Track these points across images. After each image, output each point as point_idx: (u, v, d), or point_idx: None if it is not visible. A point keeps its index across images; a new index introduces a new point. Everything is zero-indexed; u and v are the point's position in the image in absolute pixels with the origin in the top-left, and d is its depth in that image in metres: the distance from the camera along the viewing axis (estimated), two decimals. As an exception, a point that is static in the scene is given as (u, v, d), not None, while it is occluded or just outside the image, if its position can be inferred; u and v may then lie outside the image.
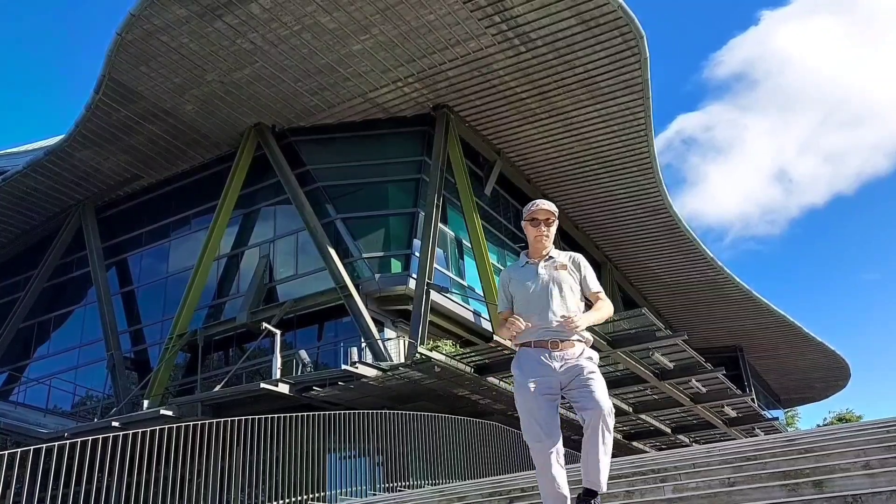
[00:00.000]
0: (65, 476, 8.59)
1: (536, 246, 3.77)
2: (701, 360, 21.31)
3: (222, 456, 10.32)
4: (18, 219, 25.82)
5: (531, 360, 3.57)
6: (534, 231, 3.76)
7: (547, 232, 3.74)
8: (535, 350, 3.58)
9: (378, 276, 20.13)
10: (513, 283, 3.78)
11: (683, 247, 29.14)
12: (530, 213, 3.77)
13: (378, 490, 12.62)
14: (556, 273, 3.67)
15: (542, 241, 3.74)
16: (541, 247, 3.76)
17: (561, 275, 3.67)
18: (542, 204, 3.74)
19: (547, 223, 3.75)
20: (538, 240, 3.74)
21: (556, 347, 3.55)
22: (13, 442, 18.22)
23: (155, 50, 18.51)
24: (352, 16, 17.62)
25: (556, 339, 3.56)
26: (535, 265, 3.73)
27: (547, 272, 3.69)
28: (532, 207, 3.78)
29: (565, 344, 3.57)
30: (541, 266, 3.71)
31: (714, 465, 5.54)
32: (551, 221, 3.76)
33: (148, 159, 23.28)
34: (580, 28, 18.30)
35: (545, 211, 3.74)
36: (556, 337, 3.56)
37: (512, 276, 3.82)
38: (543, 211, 3.74)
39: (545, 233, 3.73)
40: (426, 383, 17.10)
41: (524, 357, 3.63)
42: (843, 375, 43.61)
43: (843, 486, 3.97)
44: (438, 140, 21.21)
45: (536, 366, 3.55)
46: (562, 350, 3.55)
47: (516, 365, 3.67)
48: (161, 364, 21.17)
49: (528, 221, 3.78)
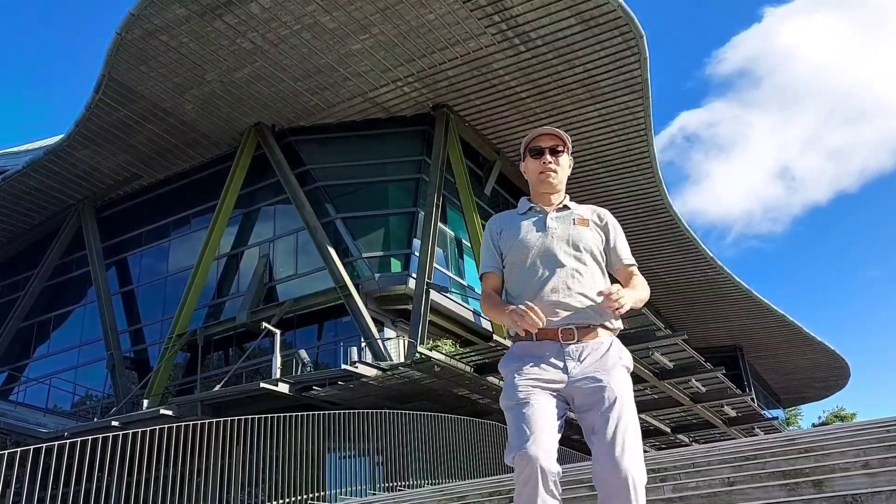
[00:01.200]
0: (65, 475, 8.59)
1: (542, 187, 2.56)
2: (701, 360, 21.33)
3: (222, 455, 10.32)
4: (18, 218, 25.81)
5: (530, 359, 2.38)
6: (536, 165, 2.56)
7: (555, 165, 2.55)
8: (537, 345, 2.38)
9: (378, 275, 20.12)
10: (506, 236, 2.54)
11: (683, 246, 29.13)
12: (531, 141, 2.61)
13: (378, 490, 12.61)
14: (574, 230, 2.49)
15: (550, 178, 2.55)
16: (549, 188, 2.55)
17: (582, 233, 2.48)
18: (545, 129, 2.61)
19: (555, 152, 2.56)
20: (545, 176, 2.55)
21: (569, 339, 2.35)
22: (13, 441, 18.22)
23: (155, 49, 18.50)
24: (352, 15, 17.62)
25: (572, 326, 2.36)
26: (542, 214, 2.55)
27: (561, 226, 2.50)
28: (532, 135, 2.62)
29: (585, 332, 2.37)
30: (552, 217, 2.53)
31: (714, 465, 5.54)
32: (561, 150, 2.57)
33: (148, 159, 23.27)
34: (580, 28, 18.30)
35: (550, 136, 2.58)
36: (572, 322, 2.36)
37: (505, 227, 2.58)
38: (548, 136, 2.58)
39: (552, 166, 2.54)
40: (426, 383, 17.10)
41: (519, 354, 2.42)
42: (843, 375, 43.59)
43: (842, 485, 3.97)
44: (438, 140, 21.21)
45: (537, 367, 2.36)
46: (579, 343, 2.36)
47: (507, 363, 2.46)
48: (161, 364, 21.17)
49: (529, 154, 2.60)
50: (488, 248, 2.59)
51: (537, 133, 2.59)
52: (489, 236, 2.60)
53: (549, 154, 2.56)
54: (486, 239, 2.61)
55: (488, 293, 2.57)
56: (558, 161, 2.56)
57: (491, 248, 2.57)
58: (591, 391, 2.30)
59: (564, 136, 2.58)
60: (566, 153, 2.59)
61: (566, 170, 2.60)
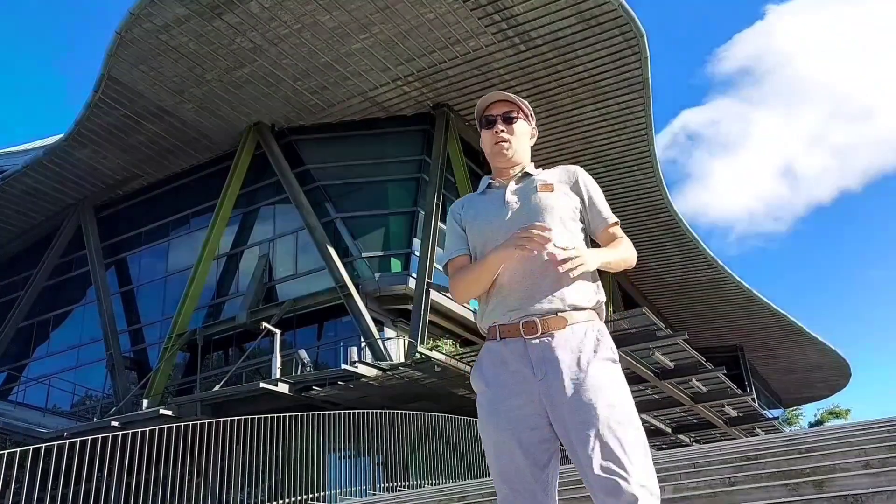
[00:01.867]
0: (64, 475, 8.58)
1: (497, 160, 2.23)
2: (701, 360, 21.32)
3: (222, 455, 10.31)
4: (18, 218, 25.79)
5: (496, 364, 2.00)
6: (489, 136, 2.23)
7: (508, 133, 2.21)
8: (503, 346, 2.00)
9: (378, 275, 20.11)
10: (467, 220, 2.21)
11: (684, 246, 29.11)
12: (482, 110, 2.28)
13: (378, 490, 12.60)
14: (537, 199, 2.12)
15: (503, 150, 2.21)
16: (503, 160, 2.22)
17: (546, 200, 2.11)
18: (496, 94, 2.25)
19: (508, 120, 2.23)
20: (498, 148, 2.21)
21: (532, 332, 1.96)
22: (13, 441, 18.20)
23: (154, 49, 18.49)
24: (351, 14, 17.60)
25: (534, 317, 1.97)
26: (501, 188, 2.21)
27: (520, 197, 2.15)
28: (482, 103, 2.28)
29: (552, 322, 1.96)
30: (510, 190, 2.18)
31: (714, 465, 5.52)
32: (515, 116, 2.24)
33: (147, 158, 23.26)
34: (580, 27, 18.28)
35: (502, 102, 2.25)
36: (534, 312, 1.98)
37: (465, 210, 2.25)
38: (500, 103, 2.25)
39: (504, 135, 2.21)
40: (426, 383, 17.09)
41: (487, 359, 2.05)
42: (844, 374, 43.57)
43: (843, 485, 3.96)
44: (438, 139, 21.20)
45: (504, 374, 1.97)
46: (544, 336, 1.95)
47: (474, 377, 2.08)
48: (160, 363, 21.16)
49: (481, 125, 2.27)
50: (452, 231, 2.23)
51: (487, 100, 2.26)
52: (451, 220, 2.26)
53: (502, 122, 2.21)
54: (449, 224, 2.27)
55: (455, 270, 2.15)
56: (512, 129, 2.22)
57: (456, 231, 2.22)
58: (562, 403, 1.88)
59: (519, 100, 2.25)
60: (522, 119, 2.24)
61: (525, 139, 2.25)
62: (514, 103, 2.24)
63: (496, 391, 1.97)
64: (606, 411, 1.83)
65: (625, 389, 1.94)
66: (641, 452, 1.82)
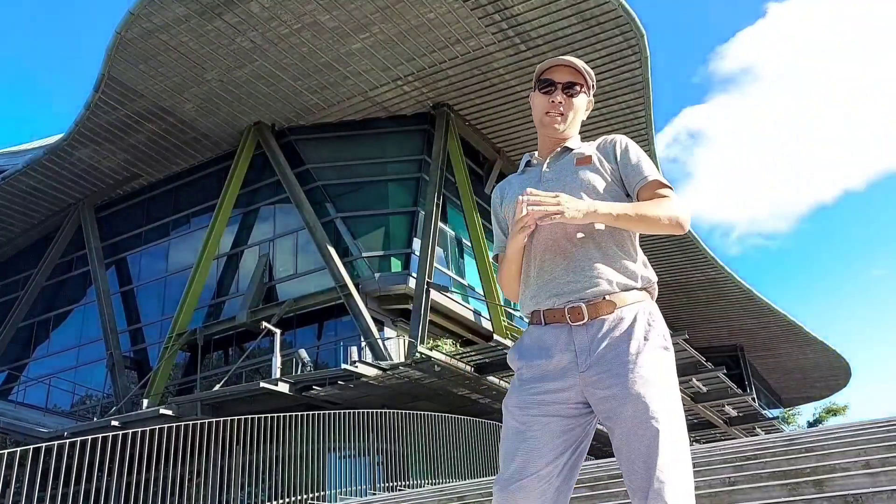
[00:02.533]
0: (64, 475, 8.58)
1: (546, 130, 2.06)
2: (701, 360, 21.31)
3: (222, 455, 10.31)
4: (18, 218, 25.80)
5: (537, 348, 1.88)
6: (543, 102, 2.06)
7: (566, 107, 2.04)
8: (545, 331, 1.87)
9: (378, 275, 20.11)
10: (507, 205, 2.07)
11: (684, 246, 29.11)
12: (543, 71, 2.08)
13: (378, 490, 12.60)
14: (574, 174, 1.96)
15: (556, 122, 2.04)
16: (553, 132, 2.05)
17: (584, 175, 1.95)
18: (563, 59, 2.06)
19: (570, 90, 2.05)
20: (550, 119, 2.04)
21: (578, 318, 1.82)
22: (13, 441, 18.20)
23: (154, 48, 18.49)
24: (351, 14, 17.60)
25: (580, 303, 1.83)
26: (539, 165, 2.07)
27: (557, 173, 2.00)
28: (546, 64, 2.08)
29: (599, 306, 1.83)
30: (547, 165, 2.04)
31: (714, 465, 5.52)
32: (579, 89, 2.06)
33: (147, 158, 23.26)
34: (581, 27, 18.28)
35: (568, 69, 2.05)
36: (578, 296, 1.84)
37: (504, 194, 2.12)
38: (565, 68, 2.05)
39: (561, 108, 2.04)
40: (426, 383, 17.09)
41: (528, 340, 1.93)
42: (844, 375, 43.59)
43: (843, 485, 3.95)
44: (438, 139, 21.20)
45: (544, 358, 1.85)
46: (591, 322, 1.82)
47: (512, 357, 1.96)
48: (161, 363, 21.16)
49: (538, 86, 2.08)
50: (495, 225, 2.15)
51: (552, 63, 2.06)
52: (494, 212, 2.16)
53: (562, 92, 2.03)
54: (493, 215, 2.17)
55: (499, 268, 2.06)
56: (571, 103, 2.04)
57: (498, 224, 2.13)
58: (607, 397, 1.75)
59: (585, 69, 2.06)
60: (584, 92, 2.07)
61: (581, 113, 2.09)
62: (580, 72, 2.06)
63: (533, 372, 1.85)
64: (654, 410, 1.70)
65: (674, 382, 1.82)
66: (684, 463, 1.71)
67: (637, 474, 1.69)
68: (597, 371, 1.77)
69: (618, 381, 1.74)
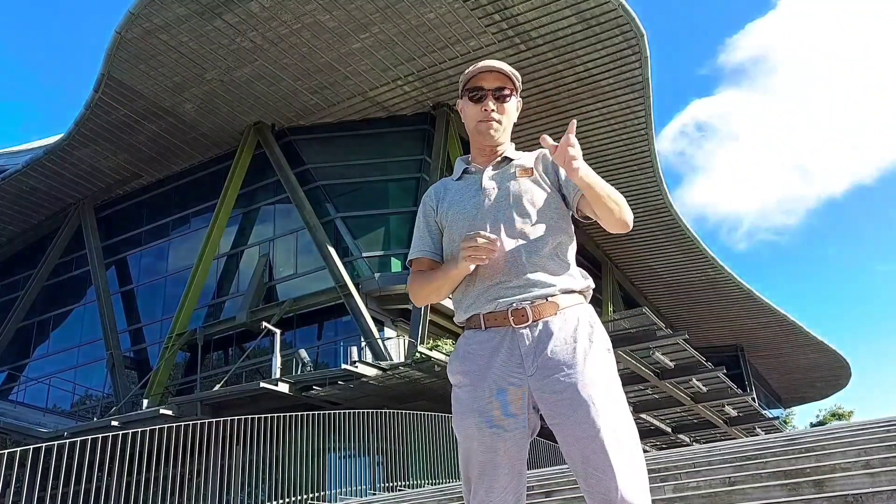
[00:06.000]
0: (64, 475, 8.58)
1: (481, 138, 2.03)
2: (701, 360, 21.32)
3: (222, 455, 10.31)
4: (18, 218, 25.80)
5: (480, 354, 1.89)
6: (475, 111, 2.02)
7: (499, 113, 2.01)
8: (485, 336, 1.89)
9: (378, 275, 20.11)
10: (442, 210, 2.05)
11: (684, 246, 29.10)
12: (470, 78, 2.03)
13: (378, 490, 12.60)
14: (516, 185, 1.96)
15: (491, 130, 2.01)
16: (489, 140, 2.02)
17: (524, 186, 1.96)
18: (489, 63, 2.01)
19: (500, 97, 2.01)
20: (485, 127, 2.01)
21: (522, 320, 1.84)
22: (13, 441, 18.21)
23: (154, 48, 18.49)
24: (351, 14, 17.60)
25: (524, 305, 1.85)
26: (478, 173, 2.03)
27: (499, 183, 1.98)
28: (472, 71, 2.03)
29: (543, 308, 1.85)
30: (487, 175, 2.01)
31: (714, 465, 5.52)
32: (508, 94, 2.02)
33: (147, 158, 23.26)
34: (581, 27, 18.28)
35: (497, 75, 2.01)
36: (522, 298, 1.85)
37: (440, 198, 2.08)
38: (493, 74, 2.01)
39: (495, 115, 2.00)
40: (426, 383, 17.09)
41: (466, 347, 1.95)
42: (845, 374, 43.58)
43: (843, 485, 3.95)
44: (438, 138, 21.20)
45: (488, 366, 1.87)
46: (535, 324, 1.84)
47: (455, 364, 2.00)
48: (161, 363, 21.17)
49: (467, 94, 2.04)
50: (420, 225, 2.09)
51: (479, 69, 2.01)
52: (422, 213, 2.09)
53: (493, 99, 1.99)
54: (419, 216, 2.11)
55: (414, 274, 2.05)
56: (504, 108, 2.01)
57: (425, 226, 2.07)
58: (557, 401, 1.76)
59: (513, 73, 2.01)
60: (514, 96, 2.03)
61: (512, 116, 2.05)
62: (508, 77, 2.01)
63: (478, 383, 1.87)
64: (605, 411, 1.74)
65: (619, 383, 1.86)
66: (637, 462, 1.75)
67: (593, 477, 1.71)
68: (544, 373, 1.79)
69: (566, 383, 1.76)
